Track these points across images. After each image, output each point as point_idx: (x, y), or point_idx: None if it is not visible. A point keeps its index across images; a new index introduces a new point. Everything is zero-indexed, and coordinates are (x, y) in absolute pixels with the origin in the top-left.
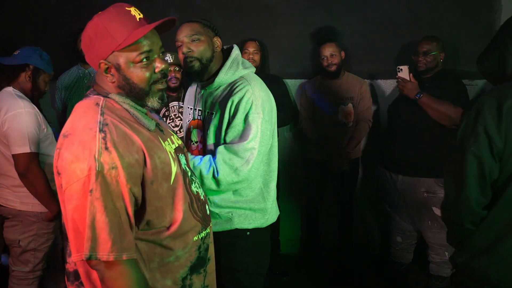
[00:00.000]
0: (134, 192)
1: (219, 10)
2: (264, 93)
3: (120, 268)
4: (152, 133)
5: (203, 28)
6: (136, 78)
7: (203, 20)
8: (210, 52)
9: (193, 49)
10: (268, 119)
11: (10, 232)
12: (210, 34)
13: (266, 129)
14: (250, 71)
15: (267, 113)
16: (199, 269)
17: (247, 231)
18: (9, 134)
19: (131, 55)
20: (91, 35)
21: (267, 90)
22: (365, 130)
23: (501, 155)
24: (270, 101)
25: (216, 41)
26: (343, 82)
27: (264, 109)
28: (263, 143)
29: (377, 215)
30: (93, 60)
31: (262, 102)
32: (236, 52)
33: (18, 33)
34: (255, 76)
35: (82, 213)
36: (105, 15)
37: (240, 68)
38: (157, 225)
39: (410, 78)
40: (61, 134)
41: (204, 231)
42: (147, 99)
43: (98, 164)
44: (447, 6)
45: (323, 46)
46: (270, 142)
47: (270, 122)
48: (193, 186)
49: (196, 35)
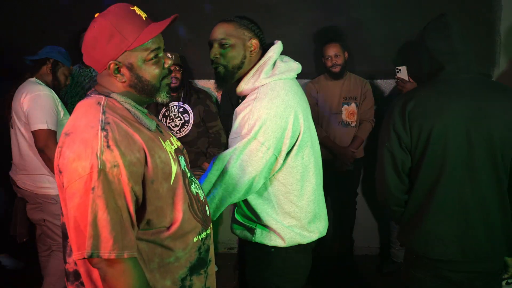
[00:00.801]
0: (135, 191)
1: (219, 10)
2: (270, 111)
3: (121, 266)
4: (153, 133)
5: (236, 30)
6: (149, 76)
7: (240, 19)
8: (240, 58)
9: (221, 55)
10: (263, 142)
11: (33, 214)
12: (244, 36)
13: (258, 151)
14: (274, 80)
15: (265, 134)
16: (199, 270)
17: (271, 248)
18: (29, 113)
19: (143, 54)
20: (96, 35)
21: (281, 106)
22: (368, 130)
23: (409, 148)
24: (277, 122)
25: (251, 44)
26: (346, 82)
27: (265, 130)
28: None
29: (377, 215)
30: (99, 61)
31: (263, 122)
32: (268, 55)
33: (18, 33)
34: (274, 88)
35: (83, 211)
36: (111, 15)
37: (262, 76)
38: (157, 225)
39: (409, 79)
40: (63, 132)
41: (205, 232)
42: (157, 95)
43: (100, 162)
44: (447, 6)
45: (327, 46)
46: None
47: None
48: (193, 187)
49: (226, 39)
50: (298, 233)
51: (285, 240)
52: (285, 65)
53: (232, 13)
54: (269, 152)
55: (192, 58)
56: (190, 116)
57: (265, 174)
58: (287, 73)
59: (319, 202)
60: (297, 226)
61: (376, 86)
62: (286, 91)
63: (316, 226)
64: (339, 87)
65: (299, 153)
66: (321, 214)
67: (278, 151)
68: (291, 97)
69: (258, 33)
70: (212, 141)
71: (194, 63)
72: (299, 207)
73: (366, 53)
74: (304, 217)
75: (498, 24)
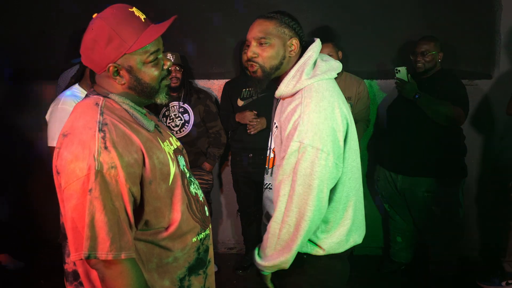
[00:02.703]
0: (133, 192)
1: (219, 10)
2: (320, 115)
3: (119, 267)
4: (151, 133)
5: (277, 28)
6: (148, 78)
7: (282, 16)
8: (279, 59)
9: (259, 54)
10: (322, 148)
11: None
12: (285, 35)
13: (319, 159)
14: (317, 80)
15: (321, 140)
16: (197, 270)
17: (304, 255)
18: (48, 127)
19: (142, 57)
20: (95, 38)
21: (329, 108)
22: (363, 130)
23: None
24: (329, 124)
25: (292, 44)
26: (341, 82)
27: (320, 136)
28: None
29: (377, 215)
30: (98, 63)
31: (316, 127)
32: (308, 54)
33: (18, 33)
34: (318, 89)
35: (81, 212)
36: (110, 17)
37: (304, 78)
38: (156, 226)
39: (408, 79)
40: (61, 133)
41: (203, 232)
42: (157, 97)
43: (98, 164)
44: (447, 6)
45: None
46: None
47: (329, 151)
48: (192, 187)
49: (265, 38)
50: (335, 243)
51: (324, 249)
52: (326, 64)
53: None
54: (330, 158)
55: (192, 58)
56: (190, 116)
57: (330, 185)
58: (329, 73)
59: (356, 209)
60: (335, 235)
61: (375, 87)
62: (330, 92)
63: (352, 235)
64: None
65: (347, 157)
66: (358, 222)
67: (337, 155)
68: (336, 98)
69: (299, 31)
70: (212, 141)
71: (194, 63)
72: (340, 215)
73: (366, 53)
74: (342, 225)
75: (498, 24)
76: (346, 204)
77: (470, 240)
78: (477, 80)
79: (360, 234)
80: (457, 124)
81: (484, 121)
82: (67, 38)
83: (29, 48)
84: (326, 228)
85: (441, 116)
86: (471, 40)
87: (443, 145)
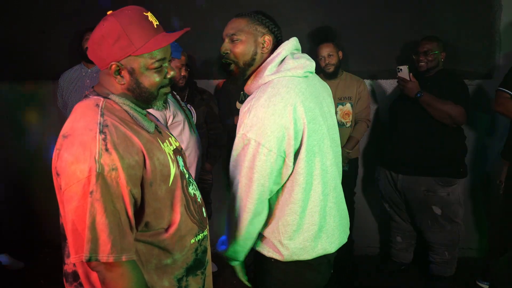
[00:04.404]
0: (134, 194)
1: (219, 10)
2: (267, 109)
3: (120, 270)
4: (151, 134)
5: (248, 25)
6: (148, 83)
7: (254, 15)
8: (251, 54)
9: (230, 50)
10: (263, 143)
11: None
12: (256, 32)
13: (259, 153)
14: (278, 77)
15: (263, 135)
16: (195, 271)
17: (271, 259)
18: None
19: (146, 62)
20: (104, 34)
21: (280, 104)
22: (363, 130)
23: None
24: (276, 120)
25: (264, 41)
26: (341, 82)
27: (263, 131)
28: (261, 173)
29: (377, 215)
30: (102, 59)
31: (261, 122)
32: (277, 51)
33: (18, 33)
34: (275, 85)
35: (82, 214)
36: (123, 17)
37: (266, 73)
38: (155, 227)
39: (410, 78)
40: (60, 134)
41: (201, 233)
42: (154, 103)
43: (99, 166)
44: (447, 5)
45: (320, 47)
46: (275, 167)
47: (271, 147)
48: (190, 188)
49: (236, 35)
50: (299, 248)
51: (283, 255)
52: (294, 61)
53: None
54: (272, 154)
55: (192, 58)
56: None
57: (275, 179)
58: (294, 70)
59: (325, 215)
60: (298, 240)
61: (376, 86)
62: (288, 89)
63: (320, 242)
64: (334, 87)
65: (305, 158)
66: (328, 228)
67: (283, 152)
68: (293, 95)
69: (273, 29)
70: (213, 141)
71: (193, 63)
72: (301, 219)
73: (367, 53)
74: (306, 230)
75: (498, 24)
76: (311, 209)
77: (470, 240)
78: (477, 80)
79: (333, 242)
80: (458, 123)
81: (484, 121)
82: (67, 38)
83: (29, 48)
84: (287, 231)
85: (443, 115)
86: (471, 40)
87: (443, 145)
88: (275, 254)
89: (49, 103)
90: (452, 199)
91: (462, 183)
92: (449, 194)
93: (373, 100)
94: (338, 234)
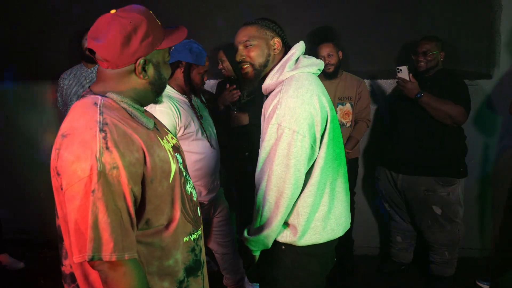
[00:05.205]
0: (135, 191)
1: (219, 10)
2: (297, 99)
3: (122, 268)
4: (151, 131)
5: (258, 31)
6: (166, 74)
7: (261, 21)
8: (265, 56)
9: (246, 55)
10: (298, 130)
11: None
12: (267, 36)
13: (295, 140)
14: (298, 72)
15: (297, 122)
16: (196, 272)
17: (282, 245)
18: None
19: (165, 55)
20: (132, 31)
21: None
22: (363, 130)
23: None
24: (306, 108)
25: (274, 43)
26: (341, 82)
27: (296, 118)
28: (297, 158)
29: (377, 215)
30: (127, 56)
31: (293, 111)
32: (292, 51)
33: (18, 33)
34: (298, 79)
35: (84, 213)
36: (146, 13)
37: (286, 70)
38: (155, 224)
39: (410, 78)
40: (59, 134)
41: (196, 232)
42: (161, 95)
43: (100, 164)
44: (447, 5)
45: (320, 47)
46: (308, 152)
47: (305, 133)
48: (188, 186)
49: (249, 41)
50: (310, 228)
51: (297, 236)
52: (307, 60)
53: (231, 13)
54: (306, 139)
55: None
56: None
57: (306, 165)
58: (310, 67)
59: (334, 198)
60: (310, 219)
61: (376, 86)
62: (310, 82)
63: (329, 223)
64: (334, 87)
65: (327, 143)
66: (335, 211)
67: (313, 138)
68: (315, 87)
69: (280, 32)
70: None
71: None
72: (317, 200)
73: (367, 53)
74: (318, 210)
75: (498, 24)
76: (322, 191)
77: (470, 240)
78: (478, 79)
79: (340, 224)
80: (458, 123)
81: (485, 121)
82: (67, 38)
83: (29, 48)
84: (306, 212)
85: (443, 115)
86: (471, 40)
87: (443, 145)
88: (289, 237)
89: (49, 103)
90: (452, 199)
91: (462, 183)
92: (449, 194)
93: (373, 100)
94: (344, 219)
